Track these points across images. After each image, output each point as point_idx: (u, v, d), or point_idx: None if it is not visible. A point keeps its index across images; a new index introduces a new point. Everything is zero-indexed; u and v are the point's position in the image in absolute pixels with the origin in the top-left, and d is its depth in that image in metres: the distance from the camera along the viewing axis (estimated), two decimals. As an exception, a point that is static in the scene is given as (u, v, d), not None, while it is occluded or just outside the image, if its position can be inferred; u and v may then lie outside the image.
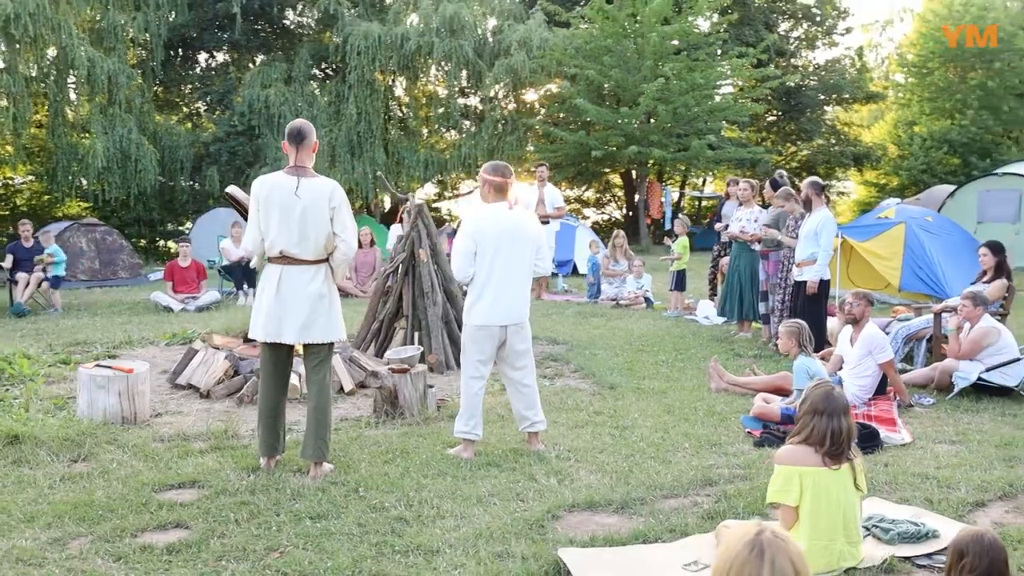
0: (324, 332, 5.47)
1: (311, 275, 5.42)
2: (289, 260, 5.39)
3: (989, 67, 31.53)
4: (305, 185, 5.34)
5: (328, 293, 5.48)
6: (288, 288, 5.39)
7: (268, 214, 5.36)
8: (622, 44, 21.89)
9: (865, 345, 7.19)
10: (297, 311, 5.39)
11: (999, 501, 5.02)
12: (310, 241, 5.36)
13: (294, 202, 5.30)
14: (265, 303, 5.44)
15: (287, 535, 4.49)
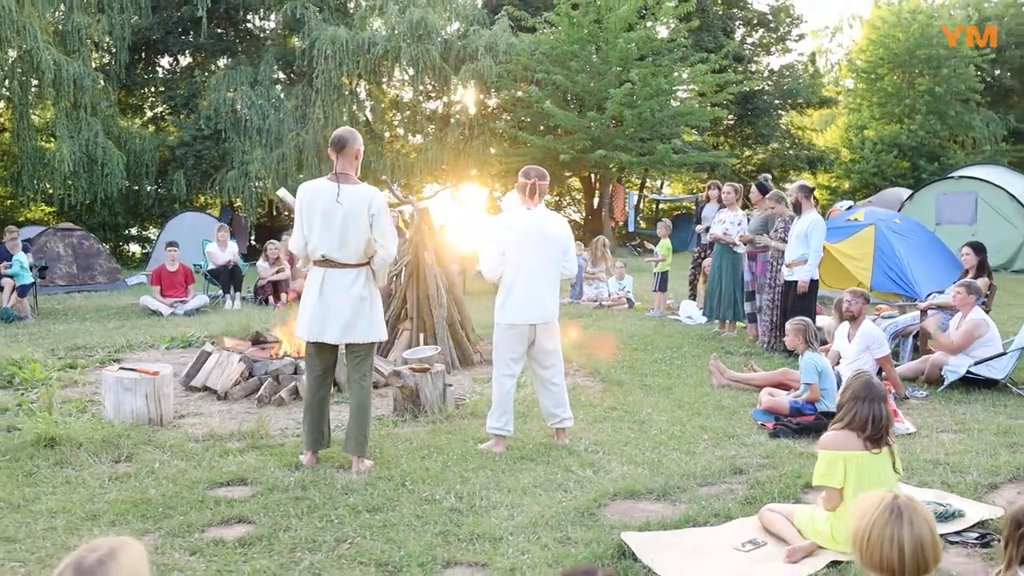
0: (366, 332, 5.65)
1: (352, 278, 5.59)
2: (331, 264, 5.56)
3: (936, 73, 32.49)
4: (346, 191, 5.51)
5: (370, 295, 5.65)
6: (331, 290, 5.56)
7: (311, 219, 5.53)
8: (587, 50, 22.22)
9: (863, 341, 7.54)
10: (340, 312, 5.56)
11: (1010, 484, 5.36)
12: (351, 246, 5.53)
13: (336, 208, 5.47)
14: (310, 304, 5.61)
15: (350, 527, 4.66)
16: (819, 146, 34.05)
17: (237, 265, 13.11)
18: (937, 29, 32.46)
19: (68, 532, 4.60)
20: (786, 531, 4.49)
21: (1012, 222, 17.78)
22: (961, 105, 32.87)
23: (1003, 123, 34.74)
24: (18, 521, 4.74)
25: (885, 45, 33.32)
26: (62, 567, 2.00)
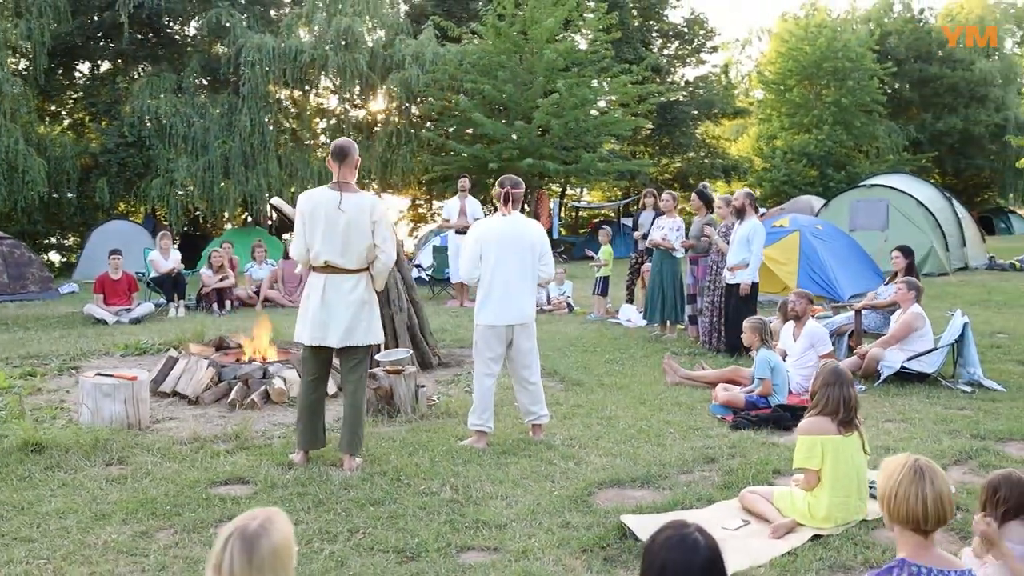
0: (365, 336, 5.87)
1: (353, 283, 5.80)
2: (333, 269, 5.77)
3: (842, 85, 33.89)
4: (348, 199, 5.73)
5: (369, 300, 5.88)
6: (333, 296, 5.77)
7: (314, 227, 5.73)
8: (514, 60, 22.62)
9: (808, 339, 8.03)
10: (341, 317, 5.77)
11: (955, 465, 5.87)
12: (353, 252, 5.75)
13: (338, 215, 5.69)
14: (311, 310, 5.81)
15: (359, 519, 4.89)
16: (733, 155, 35.13)
17: (180, 273, 13.07)
18: (842, 43, 33.87)
19: (82, 531, 4.72)
20: (767, 510, 4.88)
21: (921, 228, 18.76)
22: (865, 116, 34.34)
23: (904, 133, 36.43)
24: (28, 523, 4.84)
25: (794, 58, 34.61)
26: (227, 534, 2.23)
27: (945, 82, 37.07)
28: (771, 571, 4.26)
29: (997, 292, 15.46)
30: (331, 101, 24.95)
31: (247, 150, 22.28)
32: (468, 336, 11.00)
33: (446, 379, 8.71)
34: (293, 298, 13.73)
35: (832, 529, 4.71)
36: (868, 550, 4.45)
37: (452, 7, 27.53)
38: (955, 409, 7.36)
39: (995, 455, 5.99)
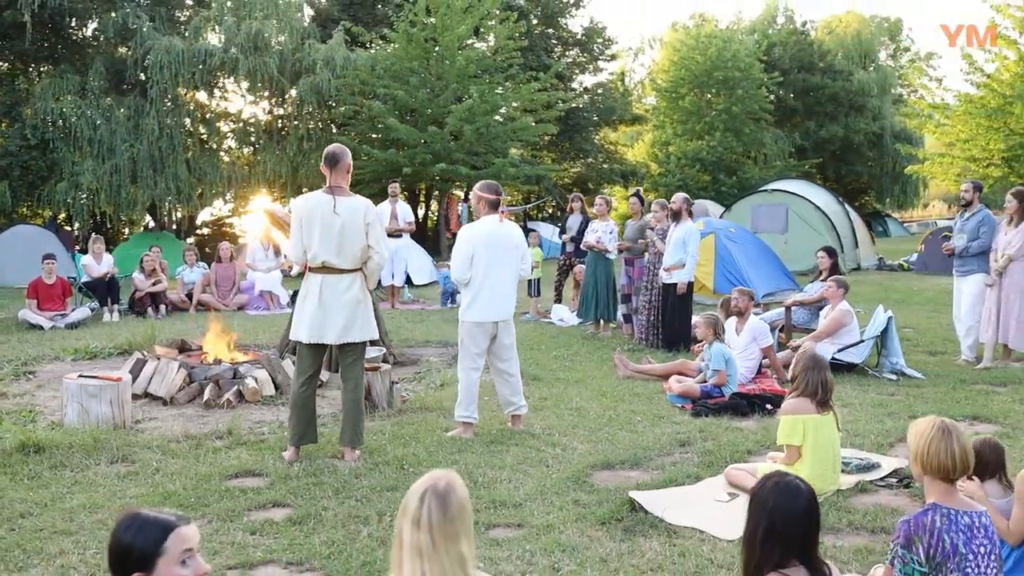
0: (361, 332, 6.17)
1: (348, 283, 6.10)
2: (329, 270, 6.05)
3: (731, 93, 35.29)
4: (342, 203, 6.03)
5: (363, 298, 6.19)
6: (329, 295, 6.05)
7: (310, 229, 6.01)
8: (425, 66, 22.93)
9: (750, 333, 8.67)
10: (337, 315, 6.06)
11: (900, 443, 6.51)
12: (348, 252, 6.05)
13: (333, 219, 5.98)
14: (308, 309, 6.08)
15: (381, 504, 5.21)
16: (630, 160, 36.15)
17: (114, 277, 12.96)
18: (731, 53, 35.26)
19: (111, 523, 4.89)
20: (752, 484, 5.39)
21: (818, 231, 19.89)
22: (754, 124, 35.85)
23: (789, 140, 38.12)
24: (59, 518, 4.99)
25: (686, 67, 35.84)
26: (420, 492, 2.56)
27: (827, 92, 38.96)
28: (772, 534, 4.77)
29: (892, 291, 16.58)
30: (240, 105, 24.77)
31: (155, 154, 22.00)
32: (412, 336, 11.37)
33: (408, 377, 9.01)
34: (227, 301, 13.78)
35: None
36: (850, 514, 5.02)
37: (358, 12, 27.64)
38: (887, 395, 8.08)
39: (934, 432, 6.67)
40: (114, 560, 2.45)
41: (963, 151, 19.61)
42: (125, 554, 2.41)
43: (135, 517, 2.48)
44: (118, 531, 2.47)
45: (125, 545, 2.42)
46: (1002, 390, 8.17)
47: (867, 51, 43.50)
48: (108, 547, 2.51)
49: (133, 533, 2.43)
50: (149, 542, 2.41)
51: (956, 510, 3.24)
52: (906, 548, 3.19)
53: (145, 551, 2.40)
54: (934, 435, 3.28)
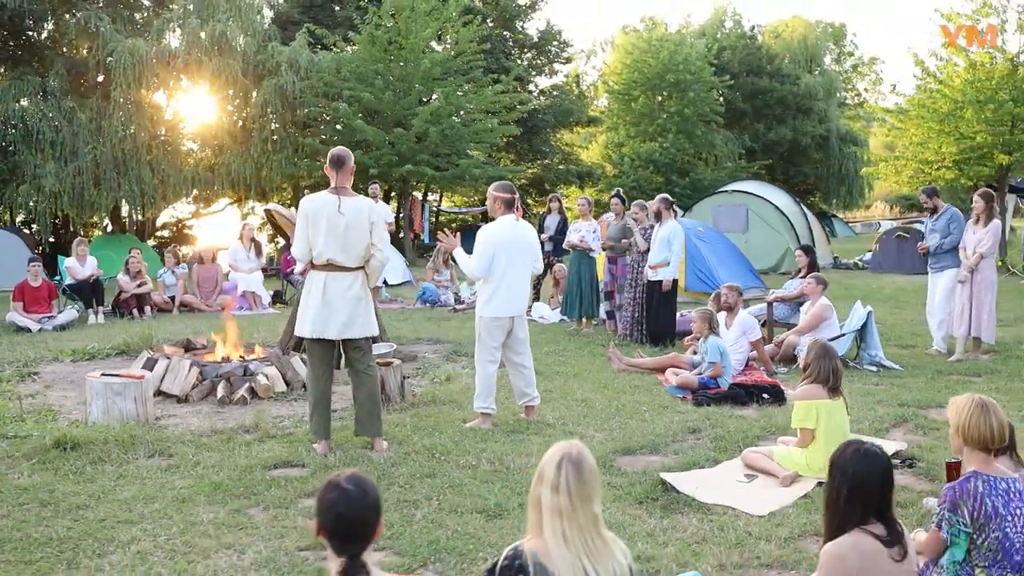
0: (363, 328, 6.41)
1: (351, 280, 6.34)
2: (334, 267, 6.28)
3: (683, 96, 35.93)
4: (347, 203, 6.28)
5: (365, 296, 6.43)
6: (333, 292, 6.29)
7: (316, 228, 6.24)
8: (390, 69, 23.11)
9: (740, 327, 9.08)
10: (340, 312, 6.30)
11: (894, 428, 6.97)
12: (352, 250, 6.30)
13: (338, 218, 6.23)
14: (313, 305, 6.31)
15: (427, 489, 5.49)
16: (585, 161, 36.63)
17: (99, 279, 12.99)
18: (683, 55, 35.92)
19: (177, 512, 5.11)
20: (770, 466, 5.78)
21: (778, 230, 20.50)
22: (705, 126, 36.53)
23: (739, 142, 38.89)
24: (118, 509, 5.18)
25: (639, 70, 36.41)
26: (556, 460, 2.85)
27: (775, 95, 39.79)
28: (799, 510, 5.15)
29: (853, 288, 17.16)
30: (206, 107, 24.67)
31: (118, 156, 21.83)
32: (402, 333, 11.60)
33: (410, 372, 9.25)
34: (209, 302, 13.87)
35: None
36: (865, 491, 5.41)
37: (318, 14, 27.70)
38: (871, 385, 8.54)
39: (923, 419, 7.14)
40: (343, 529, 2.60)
41: (915, 154, 20.36)
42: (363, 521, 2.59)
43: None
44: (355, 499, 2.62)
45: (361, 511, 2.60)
46: (978, 380, 8.67)
47: (813, 55, 44.56)
48: (338, 517, 2.62)
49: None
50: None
51: (995, 477, 3.63)
52: (952, 511, 3.57)
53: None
54: (974, 410, 3.65)
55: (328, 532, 2.58)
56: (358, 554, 2.55)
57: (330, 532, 2.58)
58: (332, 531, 2.57)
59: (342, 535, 2.55)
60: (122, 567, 4.36)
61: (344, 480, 2.60)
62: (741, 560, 4.43)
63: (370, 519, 2.58)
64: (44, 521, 4.97)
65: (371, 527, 2.59)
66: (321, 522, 2.59)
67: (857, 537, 3.09)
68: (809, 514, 5.06)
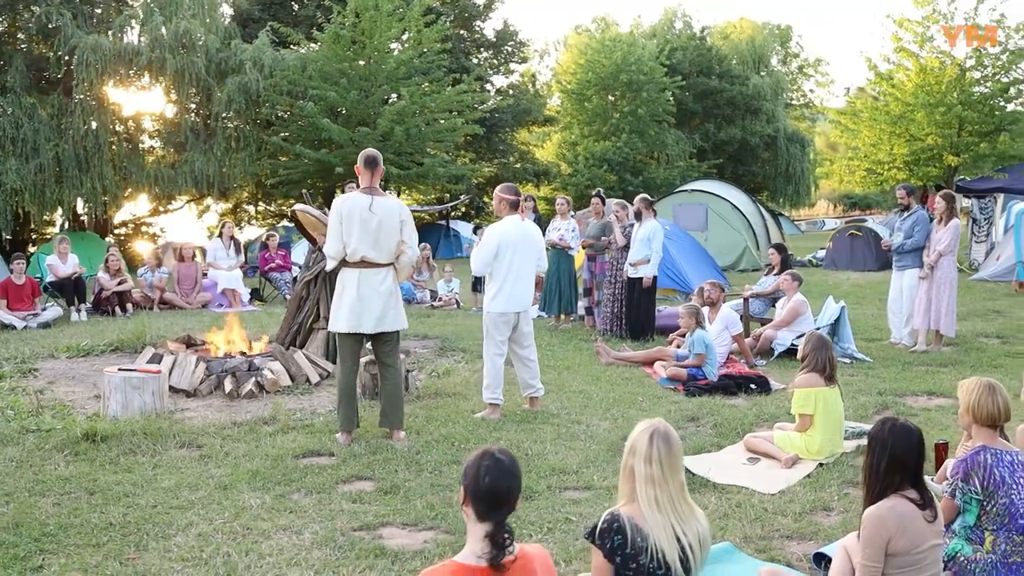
0: (394, 322, 6.74)
1: (383, 276, 6.66)
2: (367, 264, 6.59)
3: (636, 96, 36.53)
4: (378, 203, 6.59)
5: (395, 290, 6.76)
6: (366, 288, 6.60)
7: (350, 227, 6.54)
8: (354, 68, 23.27)
9: (722, 322, 9.54)
10: (374, 307, 6.61)
11: (876, 415, 7.42)
12: (384, 247, 6.62)
13: (370, 217, 6.54)
14: (347, 301, 6.60)
15: (455, 475, 5.80)
16: (541, 160, 37.06)
17: (81, 277, 13.06)
18: (636, 56, 36.52)
19: (224, 498, 5.37)
20: (772, 449, 6.21)
21: (736, 229, 21.12)
22: (657, 126, 37.18)
23: (690, 142, 39.63)
24: (164, 496, 5.43)
25: (593, 69, 36.94)
26: (648, 434, 3.22)
27: (724, 96, 40.62)
28: (805, 488, 5.59)
29: (811, 284, 17.67)
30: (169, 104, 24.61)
31: (80, 153, 21.72)
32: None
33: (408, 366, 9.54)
34: (190, 299, 14.00)
35: (826, 459, 6.11)
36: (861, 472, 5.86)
37: (279, 12, 27.74)
38: (848, 375, 9.02)
39: (903, 406, 7.64)
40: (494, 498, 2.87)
41: (868, 155, 21.10)
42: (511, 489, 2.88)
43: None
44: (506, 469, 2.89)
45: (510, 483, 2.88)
46: (945, 370, 9.21)
47: (760, 56, 45.56)
48: (490, 486, 2.88)
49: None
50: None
51: (1001, 450, 4.08)
52: (965, 481, 4.01)
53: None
54: (983, 391, 4.10)
55: (478, 498, 2.85)
56: (502, 520, 2.85)
57: (480, 498, 2.85)
58: (482, 498, 2.84)
59: (491, 501, 2.83)
60: (188, 547, 4.63)
61: (496, 451, 2.90)
62: (763, 533, 4.85)
63: (516, 488, 2.89)
64: (97, 508, 5.20)
65: (516, 495, 2.90)
66: (471, 490, 2.87)
67: (895, 501, 3.50)
68: (815, 492, 5.51)
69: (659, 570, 3.08)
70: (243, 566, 4.39)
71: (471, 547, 2.88)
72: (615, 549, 3.09)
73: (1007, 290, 15.98)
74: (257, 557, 4.50)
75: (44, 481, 5.69)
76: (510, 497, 2.87)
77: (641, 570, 3.08)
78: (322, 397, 8.22)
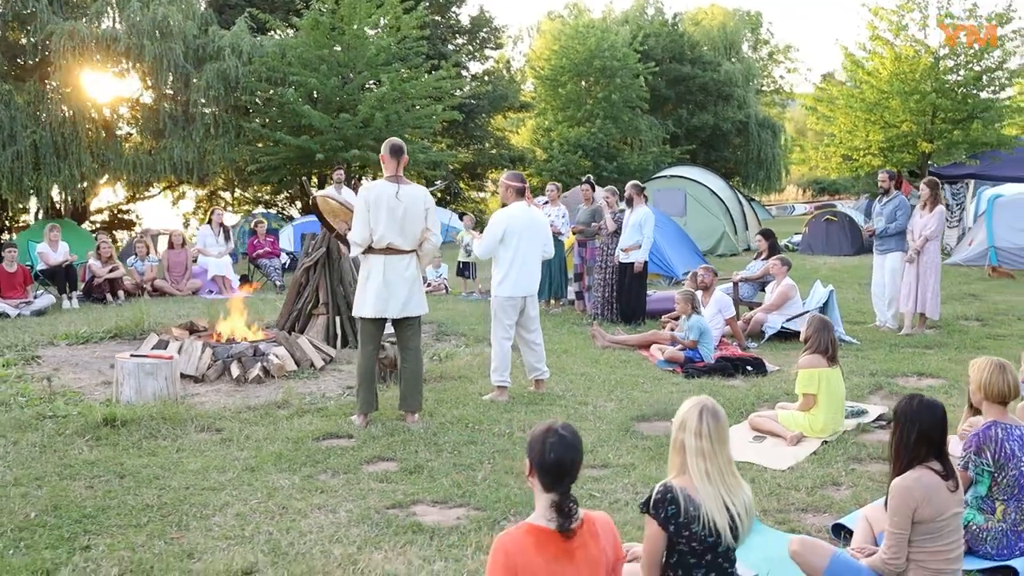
0: (418, 307, 6.91)
1: (407, 262, 6.82)
2: (392, 251, 6.74)
3: (610, 82, 36.74)
4: (404, 191, 6.74)
5: (418, 276, 6.92)
6: (392, 274, 6.75)
7: (377, 214, 6.69)
8: (334, 54, 23.23)
9: (715, 305, 9.77)
10: (399, 292, 6.76)
11: (872, 394, 7.72)
12: (409, 234, 6.77)
13: (397, 204, 6.69)
14: (373, 286, 6.75)
15: (475, 454, 5.99)
16: (517, 146, 37.20)
17: (72, 265, 13.06)
18: (609, 42, 36.71)
19: (254, 479, 5.51)
20: (776, 428, 6.45)
21: (714, 214, 21.41)
22: (631, 112, 37.44)
23: (663, 128, 39.93)
24: (196, 478, 5.56)
25: (567, 56, 37.10)
26: (697, 410, 3.40)
27: (697, 82, 40.97)
28: (812, 464, 5.83)
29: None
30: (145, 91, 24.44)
31: (58, 140, 21.56)
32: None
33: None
34: (180, 286, 14.04)
35: (829, 437, 6.35)
36: (865, 448, 6.13)
37: (256, -1, 27.61)
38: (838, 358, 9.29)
39: (895, 386, 7.91)
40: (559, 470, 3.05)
41: (844, 141, 21.46)
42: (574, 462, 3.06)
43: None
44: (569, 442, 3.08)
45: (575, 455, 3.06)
46: (931, 352, 9.50)
47: (732, 43, 45.96)
48: (556, 459, 3.06)
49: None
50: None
51: (1010, 425, 4.32)
52: (978, 454, 4.25)
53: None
54: (994, 370, 4.34)
55: (543, 472, 3.04)
56: (567, 490, 3.03)
57: (545, 472, 3.03)
58: (548, 470, 3.03)
59: (556, 474, 3.02)
60: (229, 526, 4.77)
61: (560, 428, 3.08)
62: (780, 506, 5.07)
63: (579, 461, 3.07)
64: (130, 491, 5.33)
65: (579, 468, 3.08)
66: (538, 463, 3.05)
67: (920, 472, 3.72)
68: (823, 468, 5.75)
69: (710, 537, 3.28)
70: (286, 543, 4.55)
71: (540, 512, 3.05)
72: (669, 518, 3.28)
73: (980, 274, 16.37)
74: (298, 535, 4.65)
75: (72, 465, 5.79)
76: (573, 469, 3.06)
77: (693, 538, 3.27)
78: (328, 381, 8.36)
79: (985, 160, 20.25)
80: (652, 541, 3.35)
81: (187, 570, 4.26)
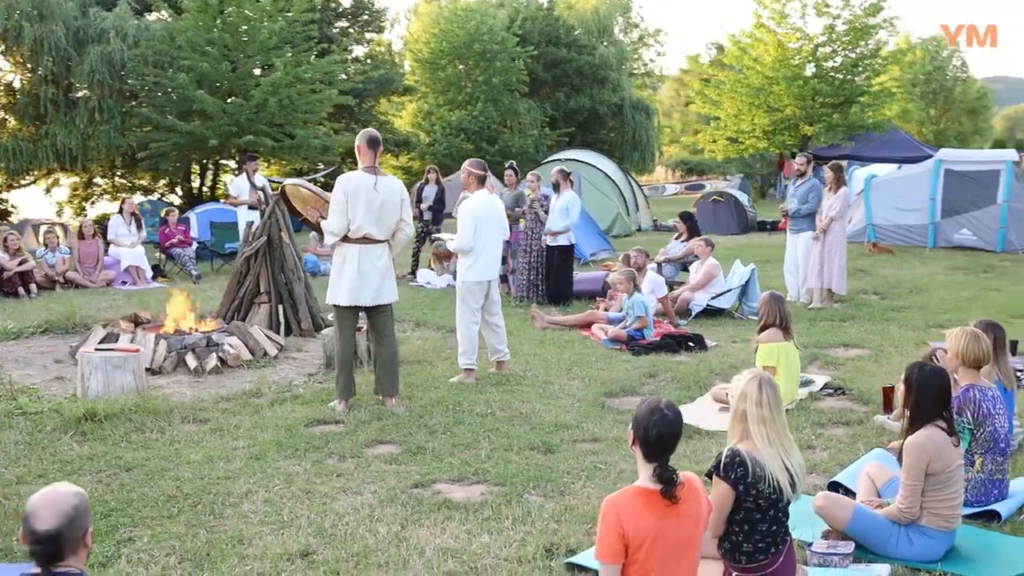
0: (390, 295, 7.12)
1: (380, 252, 7.01)
2: (368, 241, 6.91)
3: (490, 66, 37.08)
4: (381, 182, 6.93)
5: (390, 266, 7.12)
6: (366, 263, 6.94)
7: (355, 204, 6.84)
8: (223, 38, 22.74)
9: (648, 285, 10.27)
10: (372, 281, 6.96)
11: (811, 365, 8.32)
12: (385, 225, 6.97)
13: (375, 195, 6.87)
14: (348, 275, 6.92)
15: (467, 435, 6.25)
16: (400, 130, 37.11)
17: (-21, 259, 12.58)
18: (488, 26, 36.99)
19: (264, 467, 5.63)
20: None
21: (608, 196, 22.05)
22: (510, 95, 37.89)
23: (542, 111, 40.52)
24: (204, 468, 5.64)
25: (446, 39, 37.21)
26: (756, 382, 3.76)
27: (573, 65, 41.65)
28: (783, 431, 6.32)
29: (686, 247, 18.89)
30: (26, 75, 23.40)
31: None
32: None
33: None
34: (93, 278, 13.66)
35: (788, 406, 6.87)
36: (823, 414, 6.70)
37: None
38: (765, 331, 9.92)
39: (828, 357, 8.58)
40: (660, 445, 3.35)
41: (730, 124, 22.41)
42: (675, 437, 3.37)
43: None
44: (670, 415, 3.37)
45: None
46: (846, 324, 10.24)
47: (605, 27, 46.88)
48: (659, 434, 3.34)
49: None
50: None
51: (984, 387, 4.89)
52: (959, 414, 4.79)
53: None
54: (970, 339, 4.89)
55: (647, 445, 3.35)
56: (666, 462, 3.36)
57: (649, 444, 3.35)
58: (651, 444, 3.34)
59: (658, 448, 3.35)
60: (264, 512, 4.92)
61: (664, 407, 3.39)
62: (770, 469, 5.53)
63: (679, 435, 3.40)
64: (143, 483, 5.39)
65: (678, 442, 3.41)
66: (642, 436, 3.36)
67: (931, 431, 4.22)
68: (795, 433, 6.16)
69: (773, 495, 3.68)
70: (328, 525, 4.73)
71: (644, 477, 3.37)
72: (739, 479, 3.66)
73: (862, 251, 17.46)
74: (336, 517, 4.83)
75: (69, 461, 5.78)
76: (672, 445, 3.39)
77: (760, 495, 3.67)
78: (287, 369, 8.46)
79: (859, 142, 21.54)
80: (721, 499, 3.72)
81: (243, 555, 4.40)
